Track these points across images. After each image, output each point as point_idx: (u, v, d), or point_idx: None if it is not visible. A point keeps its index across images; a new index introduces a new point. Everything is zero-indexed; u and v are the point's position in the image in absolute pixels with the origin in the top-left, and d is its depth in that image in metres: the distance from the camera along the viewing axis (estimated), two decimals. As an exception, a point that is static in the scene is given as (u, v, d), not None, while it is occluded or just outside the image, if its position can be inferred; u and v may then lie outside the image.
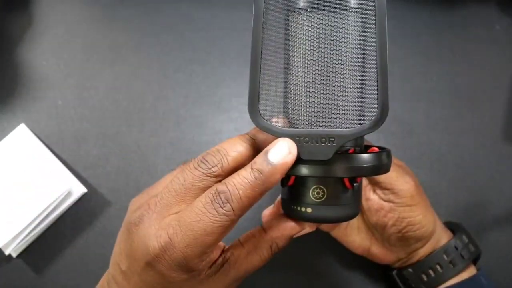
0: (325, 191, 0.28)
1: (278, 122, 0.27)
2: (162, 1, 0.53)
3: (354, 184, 0.29)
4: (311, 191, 0.29)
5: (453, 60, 0.52)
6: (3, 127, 0.49)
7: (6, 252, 0.44)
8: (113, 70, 0.51)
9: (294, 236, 0.32)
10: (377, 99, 0.26)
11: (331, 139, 0.26)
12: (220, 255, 0.30)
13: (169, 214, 0.27)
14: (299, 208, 0.29)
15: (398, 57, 0.52)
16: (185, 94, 0.50)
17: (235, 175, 0.27)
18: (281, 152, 0.26)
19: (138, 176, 0.48)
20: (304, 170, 0.27)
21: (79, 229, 0.47)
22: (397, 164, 0.39)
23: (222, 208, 0.26)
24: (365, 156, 0.27)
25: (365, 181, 0.39)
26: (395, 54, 0.52)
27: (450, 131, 0.50)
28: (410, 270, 0.40)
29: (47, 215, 0.45)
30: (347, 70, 0.26)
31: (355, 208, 0.30)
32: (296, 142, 0.26)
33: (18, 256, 0.46)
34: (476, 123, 0.50)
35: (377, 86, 0.26)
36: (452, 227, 0.42)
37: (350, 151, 0.28)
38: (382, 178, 0.36)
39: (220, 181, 0.27)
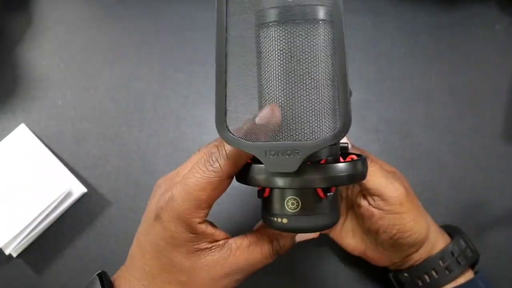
0: (299, 202, 0.29)
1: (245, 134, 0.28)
2: (162, 1, 0.53)
3: (328, 194, 0.29)
4: (285, 202, 0.29)
5: (453, 60, 0.52)
6: (3, 127, 0.49)
7: (6, 252, 0.44)
8: (113, 70, 0.51)
9: (298, 241, 0.33)
10: (338, 110, 0.26)
11: (296, 151, 0.26)
12: (224, 240, 0.32)
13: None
14: (275, 219, 0.30)
15: (398, 57, 0.52)
16: (185, 94, 0.50)
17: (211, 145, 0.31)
18: (265, 116, 0.27)
19: (138, 176, 0.48)
20: (276, 182, 0.28)
21: (79, 229, 0.47)
22: (388, 170, 0.39)
23: (211, 165, 0.29)
24: (337, 165, 0.28)
25: (356, 188, 0.39)
26: (395, 54, 0.52)
27: (450, 131, 0.50)
28: (405, 274, 0.40)
29: (47, 215, 0.45)
30: (312, 82, 0.27)
31: (332, 217, 0.31)
32: (263, 155, 0.27)
33: (18, 256, 0.46)
34: (476, 123, 0.50)
35: (337, 97, 0.26)
36: (450, 230, 0.41)
37: (322, 162, 0.29)
38: (370, 184, 0.36)
39: None
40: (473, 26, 0.53)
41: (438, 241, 0.39)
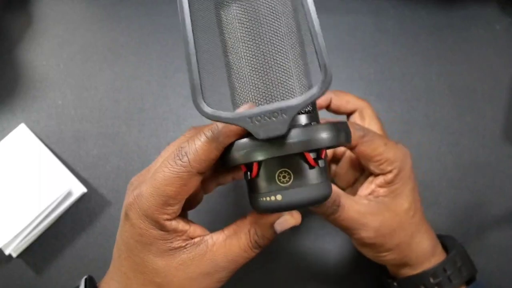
0: (291, 173, 0.28)
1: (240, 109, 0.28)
2: (162, 1, 0.53)
3: (319, 161, 0.28)
4: (276, 176, 0.28)
5: (453, 60, 0.52)
6: (3, 127, 0.49)
7: (6, 252, 0.44)
8: (113, 70, 0.51)
9: (279, 231, 0.31)
10: (318, 62, 0.25)
11: (282, 112, 0.25)
12: (200, 237, 0.31)
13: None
14: (268, 198, 0.28)
15: (398, 57, 0.52)
16: (185, 94, 0.50)
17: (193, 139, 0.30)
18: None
19: (138, 176, 0.48)
20: (264, 154, 0.27)
21: (79, 229, 0.47)
22: (361, 207, 0.37)
23: (180, 160, 0.29)
24: (321, 126, 0.27)
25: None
26: (395, 54, 0.52)
27: (450, 131, 0.50)
28: (395, 284, 0.39)
29: (47, 215, 0.45)
30: (282, 43, 0.27)
31: (326, 187, 0.29)
32: (248, 123, 0.26)
33: (18, 256, 0.46)
34: (476, 123, 0.50)
35: (315, 49, 0.25)
36: (448, 243, 0.40)
37: (308, 126, 0.28)
38: (345, 221, 0.35)
39: None
40: (473, 26, 0.53)
41: (433, 256, 0.38)
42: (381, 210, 0.36)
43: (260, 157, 0.27)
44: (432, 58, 0.52)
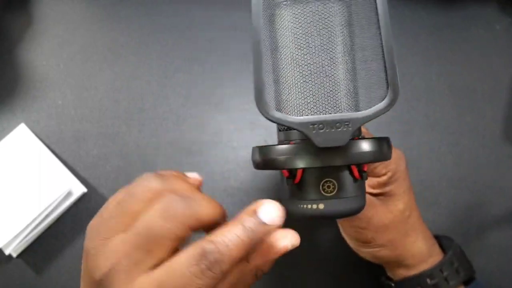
0: (336, 184, 0.28)
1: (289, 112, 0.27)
2: (162, 1, 0.53)
3: (363, 174, 0.29)
4: (321, 185, 0.28)
5: (453, 60, 0.52)
6: (3, 127, 0.49)
7: (6, 252, 0.44)
8: (113, 70, 0.51)
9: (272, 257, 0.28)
10: (386, 78, 0.26)
11: (345, 123, 0.25)
12: None
13: (141, 273, 0.24)
14: (309, 206, 0.28)
15: (398, 57, 0.51)
16: (185, 94, 0.50)
17: (224, 232, 0.24)
18: (274, 213, 0.26)
19: (138, 176, 0.48)
20: (314, 162, 0.26)
21: (79, 229, 0.47)
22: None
23: (210, 270, 0.23)
24: (372, 141, 0.27)
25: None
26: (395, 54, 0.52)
27: (450, 131, 0.50)
28: (392, 285, 0.40)
29: (47, 215, 0.45)
30: (340, 55, 0.27)
31: (363, 200, 0.30)
32: (310, 130, 0.25)
33: (18, 256, 0.46)
34: (476, 123, 0.50)
35: (384, 65, 0.26)
36: (446, 244, 0.40)
37: (355, 139, 0.28)
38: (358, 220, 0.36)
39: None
40: (473, 26, 0.53)
41: (430, 257, 0.38)
42: (375, 204, 0.36)
43: (311, 164, 0.26)
44: (432, 58, 0.52)
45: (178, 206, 0.25)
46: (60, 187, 0.46)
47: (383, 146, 0.28)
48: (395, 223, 0.36)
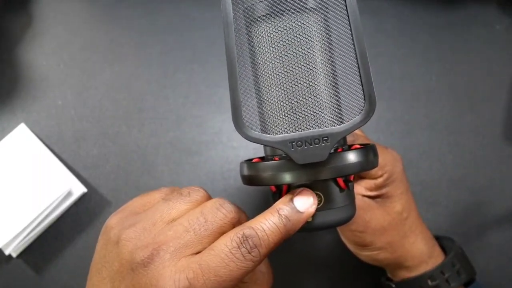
0: (322, 196, 0.28)
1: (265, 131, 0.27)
2: (162, 1, 0.53)
3: (349, 184, 0.29)
4: None
5: (453, 60, 0.52)
6: (3, 127, 0.49)
7: (6, 252, 0.44)
8: (113, 70, 0.51)
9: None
10: (363, 90, 0.26)
11: (324, 138, 0.25)
12: None
13: (185, 256, 0.26)
14: None
15: (398, 57, 0.52)
16: (185, 94, 0.50)
17: (261, 219, 0.26)
18: (308, 201, 0.27)
19: (138, 176, 0.48)
20: (298, 178, 0.26)
21: (79, 229, 0.47)
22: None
23: (249, 253, 0.25)
24: (356, 152, 0.27)
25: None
26: (395, 54, 0.52)
27: (450, 131, 0.50)
28: (393, 286, 0.40)
29: (47, 215, 0.45)
30: (319, 69, 0.26)
31: (353, 208, 0.30)
32: (289, 147, 0.26)
33: (18, 256, 0.46)
34: (476, 123, 0.50)
35: (360, 78, 0.26)
36: (446, 245, 0.40)
37: (339, 150, 0.28)
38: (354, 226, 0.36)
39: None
40: (473, 26, 0.53)
41: (430, 258, 0.38)
42: (372, 207, 0.36)
43: (296, 180, 0.27)
44: (432, 58, 0.52)
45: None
46: (60, 187, 0.46)
47: (368, 156, 0.28)
48: (393, 225, 0.36)
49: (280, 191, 0.29)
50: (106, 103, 0.50)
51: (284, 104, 0.27)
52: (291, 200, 0.27)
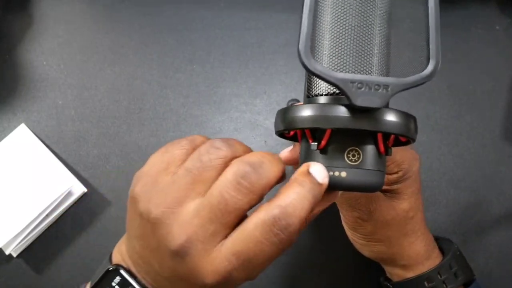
0: (360, 153, 0.27)
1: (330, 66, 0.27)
2: (162, 1, 0.53)
3: (388, 149, 0.28)
4: (346, 153, 0.27)
5: (453, 60, 0.52)
6: (3, 127, 0.49)
7: (6, 252, 0.44)
8: (113, 70, 0.51)
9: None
10: (429, 51, 0.26)
11: (385, 86, 0.25)
12: None
13: (216, 244, 0.25)
14: (331, 173, 0.27)
15: (398, 57, 0.52)
16: (185, 94, 0.50)
17: (289, 195, 0.25)
18: (323, 173, 0.26)
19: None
20: (345, 123, 0.25)
21: (79, 229, 0.47)
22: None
23: (283, 234, 0.24)
24: (402, 114, 0.27)
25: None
26: (395, 54, 0.52)
27: (450, 131, 0.50)
28: (390, 286, 0.40)
29: (47, 215, 0.45)
30: (384, 23, 0.27)
31: (383, 177, 0.29)
32: (350, 87, 0.25)
33: (18, 256, 0.46)
34: (476, 123, 0.50)
35: (427, 39, 0.26)
36: (444, 246, 0.40)
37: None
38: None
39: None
40: (473, 26, 0.53)
41: (428, 260, 0.38)
42: (379, 199, 0.36)
43: (346, 124, 0.25)
44: (432, 58, 0.52)
45: (250, 177, 0.25)
46: (60, 187, 0.46)
47: (411, 123, 0.28)
48: (396, 221, 0.36)
49: (319, 141, 0.28)
50: (106, 103, 0.50)
51: (347, 47, 0.27)
52: (309, 173, 0.26)
